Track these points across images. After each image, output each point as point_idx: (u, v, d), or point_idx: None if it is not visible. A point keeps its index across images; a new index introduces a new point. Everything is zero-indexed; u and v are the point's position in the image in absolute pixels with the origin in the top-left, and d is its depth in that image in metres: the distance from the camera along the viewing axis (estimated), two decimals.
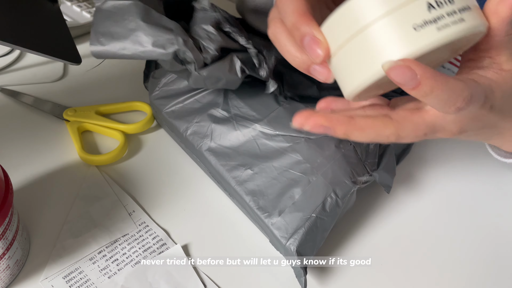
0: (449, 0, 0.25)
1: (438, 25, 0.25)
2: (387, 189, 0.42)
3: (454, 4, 0.25)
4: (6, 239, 0.34)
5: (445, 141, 0.53)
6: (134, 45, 0.39)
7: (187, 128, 0.45)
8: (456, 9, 0.25)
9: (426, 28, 0.25)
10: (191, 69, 0.40)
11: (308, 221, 0.38)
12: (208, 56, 0.40)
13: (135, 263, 0.39)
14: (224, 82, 0.41)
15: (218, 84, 0.41)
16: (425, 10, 0.25)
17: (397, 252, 0.42)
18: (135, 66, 0.58)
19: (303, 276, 0.36)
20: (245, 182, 0.41)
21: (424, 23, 0.25)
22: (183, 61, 0.40)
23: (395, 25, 0.25)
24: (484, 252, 0.43)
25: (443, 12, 0.25)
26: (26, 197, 0.43)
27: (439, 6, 0.25)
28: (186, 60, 0.39)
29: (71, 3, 0.67)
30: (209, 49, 0.40)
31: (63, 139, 0.49)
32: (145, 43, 0.38)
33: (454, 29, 0.25)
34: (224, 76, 0.40)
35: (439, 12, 0.25)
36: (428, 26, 0.25)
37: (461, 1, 0.26)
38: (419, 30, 0.25)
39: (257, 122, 0.42)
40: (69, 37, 0.46)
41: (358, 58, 0.27)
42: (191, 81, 0.41)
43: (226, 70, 0.40)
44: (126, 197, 0.44)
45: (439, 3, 0.25)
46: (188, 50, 0.38)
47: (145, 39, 0.38)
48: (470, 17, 0.26)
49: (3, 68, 0.58)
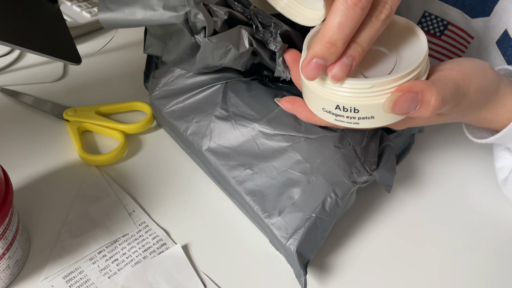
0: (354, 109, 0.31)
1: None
2: (387, 188, 0.42)
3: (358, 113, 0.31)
4: (6, 239, 0.34)
5: (446, 141, 0.53)
6: (144, 9, 0.38)
7: (187, 128, 0.45)
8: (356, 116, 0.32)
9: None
10: (200, 39, 0.39)
11: (308, 221, 0.38)
12: (218, 20, 0.39)
13: (135, 263, 0.39)
14: (232, 55, 0.40)
15: (225, 57, 0.40)
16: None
17: (397, 252, 0.42)
18: (135, 66, 0.58)
19: (303, 276, 0.36)
20: (244, 182, 0.41)
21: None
22: (192, 28, 0.39)
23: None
24: (484, 252, 0.43)
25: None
26: (26, 197, 0.43)
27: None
28: (196, 27, 0.39)
29: (71, 3, 0.67)
30: (219, 14, 0.39)
31: (63, 139, 0.49)
32: (156, 6, 0.38)
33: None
34: (232, 45, 0.39)
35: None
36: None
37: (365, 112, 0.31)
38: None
39: (256, 121, 0.42)
40: (69, 37, 0.46)
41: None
42: (198, 56, 0.41)
43: (234, 40, 0.40)
44: (126, 197, 0.44)
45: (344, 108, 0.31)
46: (200, 12, 0.38)
47: (155, 2, 0.38)
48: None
49: (3, 68, 0.58)
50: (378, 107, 0.31)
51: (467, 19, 0.48)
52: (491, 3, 0.46)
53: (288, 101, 0.37)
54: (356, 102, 0.31)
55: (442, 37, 0.52)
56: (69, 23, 0.63)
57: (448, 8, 0.49)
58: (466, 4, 0.48)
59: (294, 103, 0.37)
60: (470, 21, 0.48)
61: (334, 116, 0.32)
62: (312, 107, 0.35)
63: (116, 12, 0.39)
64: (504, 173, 0.43)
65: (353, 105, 0.31)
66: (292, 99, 0.37)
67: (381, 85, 0.30)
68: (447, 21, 0.50)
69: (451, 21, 0.50)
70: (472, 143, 0.43)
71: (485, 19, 0.47)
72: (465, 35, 0.50)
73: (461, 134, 0.45)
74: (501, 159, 0.44)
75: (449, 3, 0.50)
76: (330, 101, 0.32)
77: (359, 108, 0.31)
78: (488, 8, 0.46)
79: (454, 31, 0.51)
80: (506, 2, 0.44)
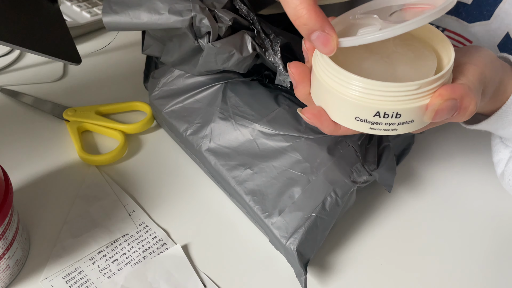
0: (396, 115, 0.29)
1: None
2: (388, 188, 0.42)
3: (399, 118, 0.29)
4: (6, 239, 0.34)
5: (446, 141, 0.53)
6: (149, 13, 0.38)
7: (187, 128, 0.45)
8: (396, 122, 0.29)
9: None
10: (203, 43, 0.39)
11: (308, 221, 0.38)
12: (222, 26, 0.39)
13: (135, 263, 0.39)
14: (235, 59, 0.40)
15: (229, 61, 0.40)
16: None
17: (397, 252, 0.42)
18: (135, 66, 0.58)
19: (303, 275, 0.36)
20: (244, 181, 0.41)
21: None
22: (196, 33, 0.39)
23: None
24: (484, 252, 0.43)
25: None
26: (26, 197, 0.43)
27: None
28: (200, 32, 0.39)
29: (71, 3, 0.67)
30: (224, 19, 0.39)
31: (63, 139, 0.49)
32: (161, 10, 0.38)
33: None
34: (236, 50, 0.39)
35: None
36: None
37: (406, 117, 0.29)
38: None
39: (257, 121, 0.42)
40: (69, 37, 0.46)
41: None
42: (201, 60, 0.40)
43: (238, 45, 0.40)
44: (126, 197, 0.44)
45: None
46: (205, 17, 0.38)
47: (161, 6, 0.38)
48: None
49: (3, 68, 0.58)
50: (420, 109, 0.29)
51: (463, 24, 0.48)
52: (490, 7, 0.46)
53: (312, 113, 0.32)
54: (399, 106, 0.28)
55: None
56: (69, 23, 0.63)
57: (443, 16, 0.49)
58: (461, 11, 0.48)
59: (321, 117, 0.32)
60: (467, 26, 0.48)
61: (369, 125, 0.29)
62: (340, 117, 0.31)
63: (121, 15, 0.38)
64: (501, 167, 0.43)
65: (396, 109, 0.28)
66: (318, 111, 0.32)
67: (426, 85, 0.28)
68: (442, 27, 0.50)
69: (447, 27, 0.50)
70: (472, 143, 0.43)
71: (485, 23, 0.47)
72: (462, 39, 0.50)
73: (461, 134, 0.45)
74: (496, 153, 0.44)
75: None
76: (369, 108, 0.28)
77: (401, 113, 0.28)
78: (487, 12, 0.46)
79: (451, 36, 0.50)
80: (508, 5, 0.44)
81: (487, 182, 0.49)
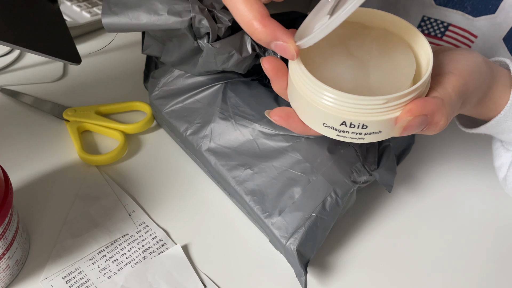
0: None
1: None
2: (388, 188, 0.42)
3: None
4: (6, 239, 0.34)
5: (446, 141, 0.53)
6: (148, 13, 0.38)
7: (187, 128, 0.45)
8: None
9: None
10: (203, 44, 0.39)
11: (308, 221, 0.38)
12: (222, 27, 0.39)
13: (135, 263, 0.39)
14: (235, 59, 0.40)
15: (228, 62, 0.40)
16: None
17: (397, 252, 0.42)
18: (135, 66, 0.58)
19: (304, 275, 0.36)
20: (245, 181, 0.41)
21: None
22: (196, 33, 0.39)
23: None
24: (484, 251, 0.43)
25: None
26: (26, 197, 0.43)
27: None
28: (199, 32, 0.39)
29: (71, 3, 0.67)
30: (223, 20, 0.39)
31: (63, 139, 0.49)
32: (161, 11, 0.38)
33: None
34: (235, 51, 0.39)
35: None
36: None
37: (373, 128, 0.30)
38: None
39: (257, 121, 0.42)
40: (69, 37, 0.46)
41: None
42: (201, 60, 0.40)
43: (237, 45, 0.40)
44: (126, 197, 0.44)
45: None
46: (204, 18, 0.38)
47: (160, 7, 0.38)
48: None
49: (3, 68, 0.58)
50: (388, 122, 0.29)
51: (469, 19, 0.48)
52: (495, 0, 0.46)
53: (279, 115, 0.33)
54: (365, 118, 0.29)
55: (444, 38, 0.52)
56: (69, 23, 0.63)
57: (448, 11, 0.49)
58: (467, 5, 0.48)
59: (288, 118, 0.33)
60: (473, 20, 0.48)
61: (336, 132, 0.30)
62: (309, 121, 0.32)
63: (120, 16, 0.38)
64: (503, 172, 0.43)
65: (362, 121, 0.29)
66: (285, 113, 0.33)
67: (395, 100, 0.28)
68: (447, 22, 0.50)
69: (452, 23, 0.50)
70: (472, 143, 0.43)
71: (490, 17, 0.47)
72: (468, 34, 0.50)
73: (461, 135, 0.45)
74: (498, 158, 0.44)
75: (448, 6, 0.49)
76: (335, 117, 0.29)
77: (368, 124, 0.29)
78: (493, 5, 0.46)
79: (456, 31, 0.50)
80: None
81: (487, 182, 0.49)
